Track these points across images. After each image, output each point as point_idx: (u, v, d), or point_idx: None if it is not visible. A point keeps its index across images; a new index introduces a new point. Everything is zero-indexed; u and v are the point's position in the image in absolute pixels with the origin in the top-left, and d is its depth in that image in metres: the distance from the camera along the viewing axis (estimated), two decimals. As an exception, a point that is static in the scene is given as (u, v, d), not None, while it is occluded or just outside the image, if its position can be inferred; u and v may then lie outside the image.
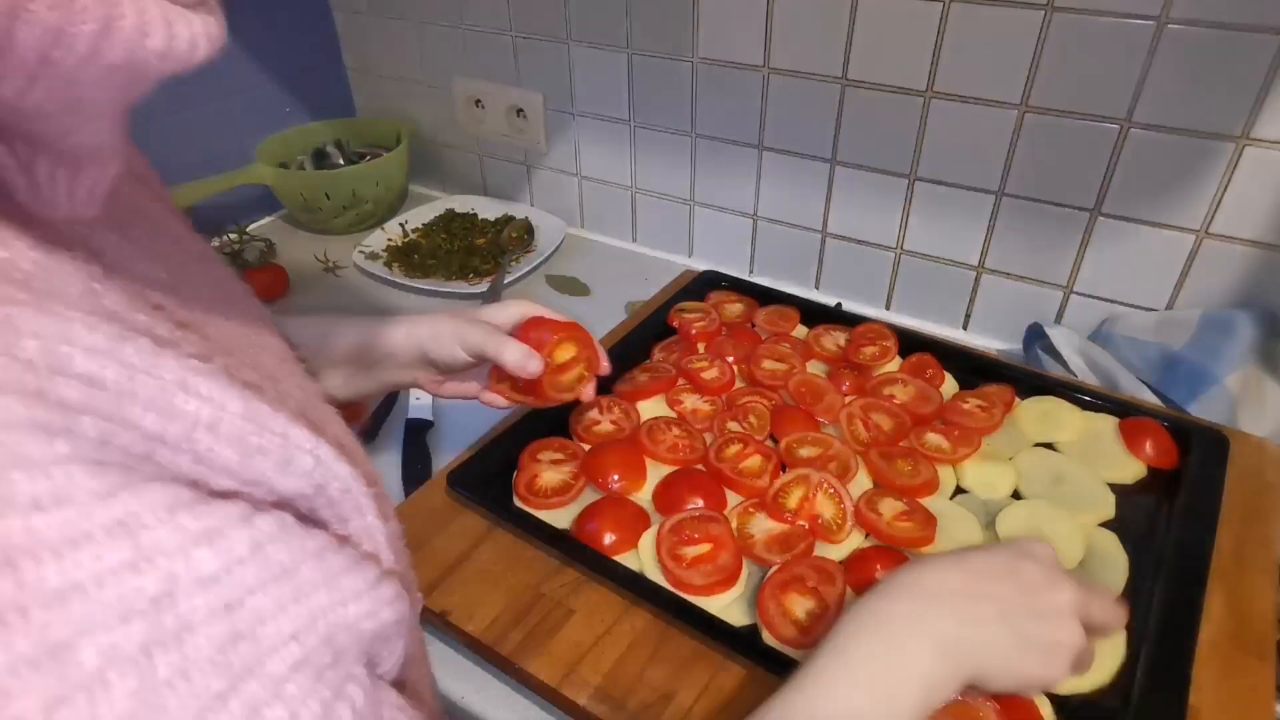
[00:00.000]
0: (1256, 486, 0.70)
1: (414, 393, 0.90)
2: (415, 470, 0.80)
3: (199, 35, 0.24)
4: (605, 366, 0.68)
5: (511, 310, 0.66)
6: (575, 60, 1.11)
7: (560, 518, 0.69)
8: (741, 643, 0.57)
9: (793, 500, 0.68)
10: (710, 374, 0.83)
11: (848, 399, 0.80)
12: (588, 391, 0.67)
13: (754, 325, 0.93)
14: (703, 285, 0.99)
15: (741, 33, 0.96)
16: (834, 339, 0.89)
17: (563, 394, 0.65)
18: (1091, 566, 0.63)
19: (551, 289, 1.12)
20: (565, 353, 0.65)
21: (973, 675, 0.45)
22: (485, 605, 0.62)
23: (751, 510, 0.68)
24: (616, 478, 0.70)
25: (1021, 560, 0.48)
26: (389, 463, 0.82)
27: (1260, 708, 0.53)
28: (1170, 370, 0.81)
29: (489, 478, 0.72)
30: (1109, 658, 0.55)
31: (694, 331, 0.90)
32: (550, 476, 0.72)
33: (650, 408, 0.81)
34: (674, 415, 0.79)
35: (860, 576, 0.62)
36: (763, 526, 0.66)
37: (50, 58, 0.20)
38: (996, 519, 0.67)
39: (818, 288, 1.08)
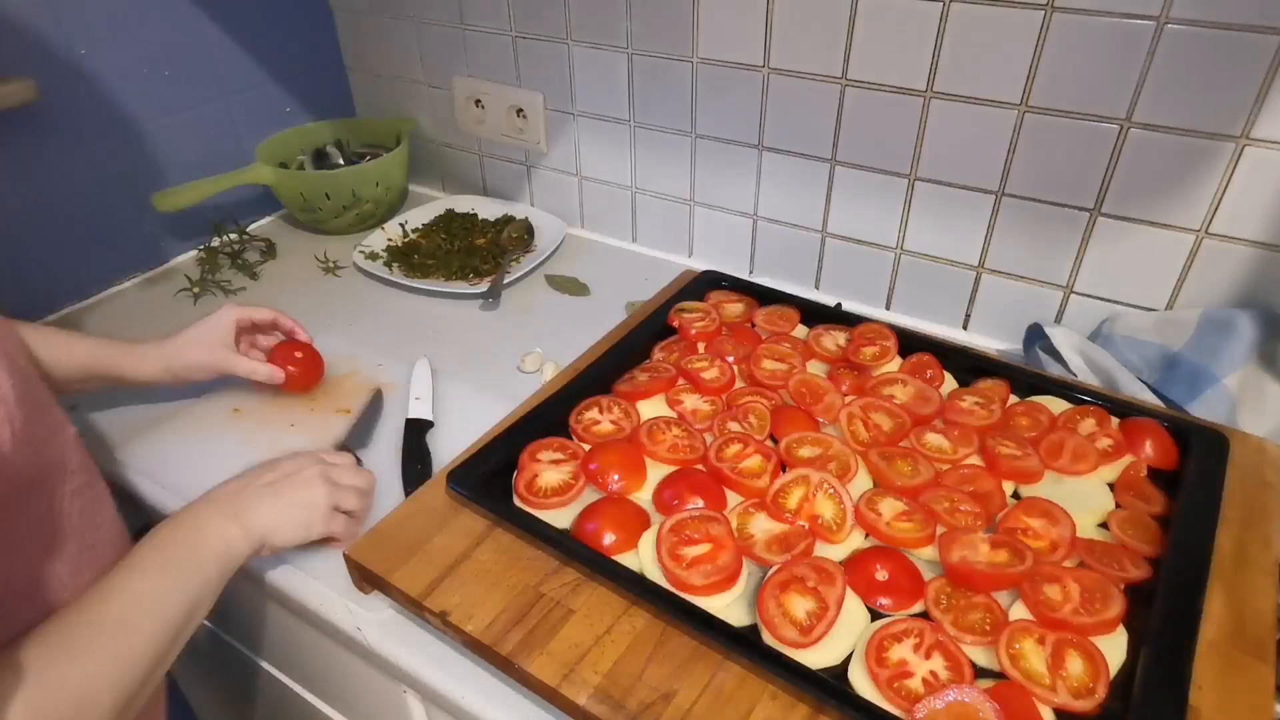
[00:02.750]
0: (1256, 486, 0.70)
1: (414, 393, 0.90)
2: (415, 470, 0.80)
3: None
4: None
5: (225, 319, 0.85)
6: (575, 60, 1.11)
7: (560, 518, 0.69)
8: (741, 643, 0.57)
9: (793, 500, 0.68)
10: (710, 374, 0.83)
11: (848, 399, 0.80)
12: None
13: (754, 325, 0.93)
14: (703, 285, 0.99)
15: (741, 33, 0.96)
16: (834, 339, 0.89)
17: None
18: (1091, 566, 0.63)
19: (551, 289, 1.12)
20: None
21: (262, 534, 0.64)
22: (485, 605, 0.62)
23: (751, 510, 0.68)
24: (616, 478, 0.70)
25: (278, 460, 0.70)
26: (389, 462, 0.82)
27: (1260, 708, 0.53)
28: (1170, 370, 0.81)
29: (489, 478, 0.72)
30: (1110, 656, 0.56)
31: (694, 331, 0.90)
32: (550, 476, 0.72)
33: (650, 408, 0.81)
34: (674, 415, 0.79)
35: (860, 576, 0.62)
36: (763, 526, 0.66)
37: None
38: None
39: (818, 288, 1.08)
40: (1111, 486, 0.71)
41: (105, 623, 0.52)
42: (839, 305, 0.99)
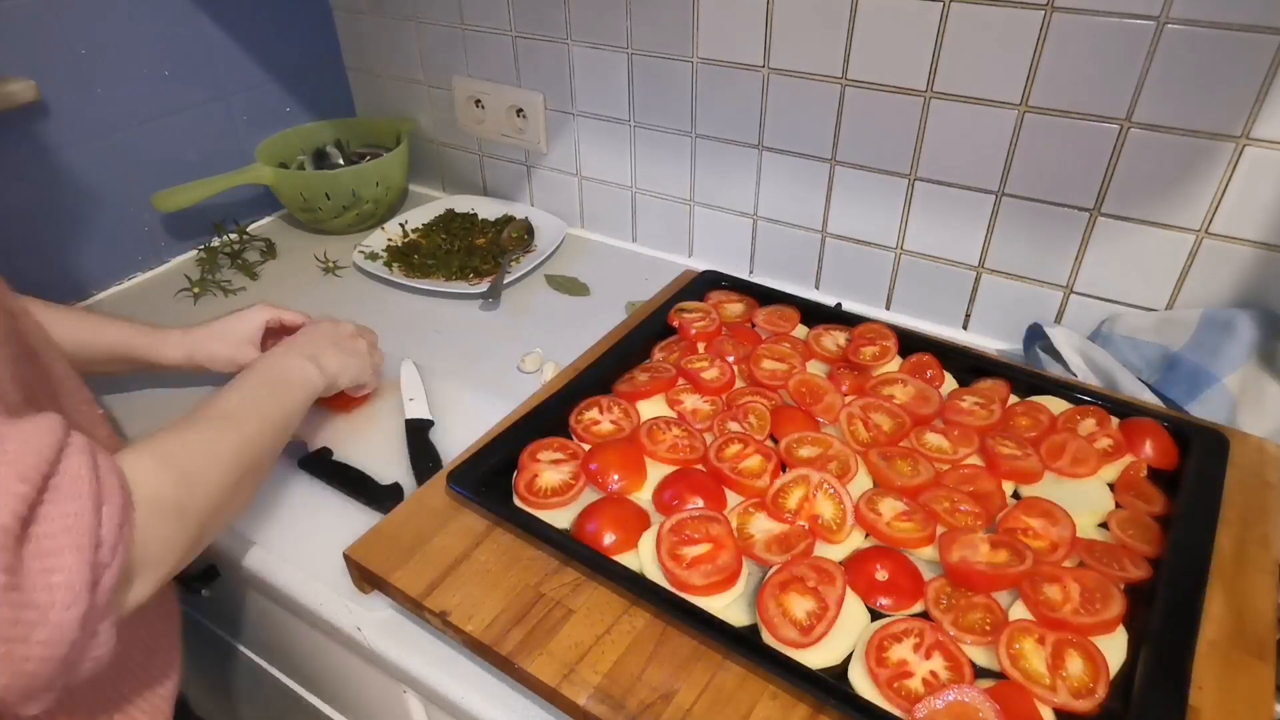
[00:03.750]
0: (1256, 486, 0.70)
1: (407, 394, 0.90)
2: (427, 468, 0.80)
3: None
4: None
5: (255, 319, 0.87)
6: (575, 60, 1.11)
7: (560, 518, 0.69)
8: (741, 643, 0.57)
9: (793, 500, 0.68)
10: (710, 374, 0.83)
11: (848, 399, 0.80)
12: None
13: (754, 325, 0.93)
14: (703, 285, 0.99)
15: (741, 33, 0.96)
16: (834, 339, 0.89)
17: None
18: (1091, 566, 0.63)
19: (551, 289, 1.12)
20: None
21: (333, 374, 0.78)
22: (485, 605, 0.62)
23: (751, 510, 0.68)
24: (616, 478, 0.70)
25: (336, 322, 0.85)
26: (394, 463, 0.82)
27: (1260, 708, 0.53)
28: (1170, 370, 0.81)
29: (489, 477, 0.72)
30: (1110, 656, 0.56)
31: (694, 331, 0.90)
32: (550, 476, 0.72)
33: (650, 408, 0.81)
34: (674, 415, 0.79)
35: (860, 576, 0.62)
36: (763, 526, 0.66)
37: None
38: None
39: (818, 288, 1.08)
40: (1111, 486, 0.71)
41: (214, 415, 0.63)
42: (839, 305, 0.99)
